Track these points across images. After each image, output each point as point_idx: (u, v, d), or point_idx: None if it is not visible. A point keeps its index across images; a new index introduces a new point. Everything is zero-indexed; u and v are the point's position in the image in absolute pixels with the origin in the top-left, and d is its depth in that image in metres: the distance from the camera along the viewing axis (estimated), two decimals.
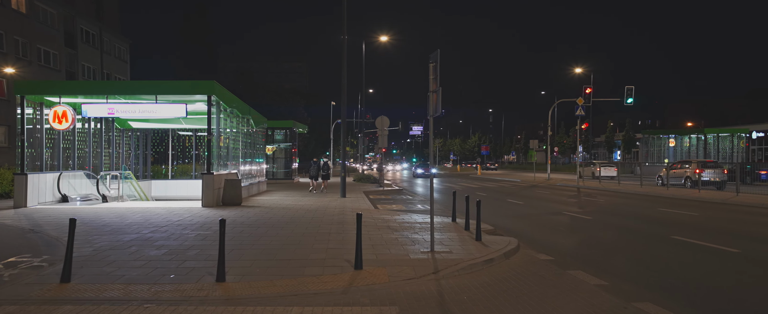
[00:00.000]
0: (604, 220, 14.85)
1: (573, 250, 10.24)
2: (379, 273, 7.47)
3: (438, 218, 13.95)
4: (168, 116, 17.14)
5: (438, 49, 8.88)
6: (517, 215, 16.23)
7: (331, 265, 7.92)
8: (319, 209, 16.22)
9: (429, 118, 9.51)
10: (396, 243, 9.93)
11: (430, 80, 9.11)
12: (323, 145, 72.73)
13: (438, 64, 8.91)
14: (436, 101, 9.02)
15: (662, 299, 6.56)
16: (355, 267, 7.64)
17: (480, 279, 7.54)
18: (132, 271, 7.43)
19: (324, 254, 8.75)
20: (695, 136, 46.58)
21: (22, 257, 8.46)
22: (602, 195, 24.53)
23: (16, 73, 31.01)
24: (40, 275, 7.21)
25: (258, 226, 12.03)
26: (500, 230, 12.32)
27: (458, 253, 8.94)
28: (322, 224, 12.42)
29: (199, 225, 12.04)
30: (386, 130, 29.63)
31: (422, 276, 7.41)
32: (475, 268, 8.09)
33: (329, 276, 7.25)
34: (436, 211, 16.83)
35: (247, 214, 14.45)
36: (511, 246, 9.71)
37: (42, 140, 17.01)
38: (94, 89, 16.83)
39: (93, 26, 42.28)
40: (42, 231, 11.21)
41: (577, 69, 45.99)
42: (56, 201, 17.25)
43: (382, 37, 33.87)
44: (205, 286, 6.64)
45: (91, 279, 6.97)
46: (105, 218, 13.25)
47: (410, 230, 11.51)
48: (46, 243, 9.78)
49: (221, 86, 16.98)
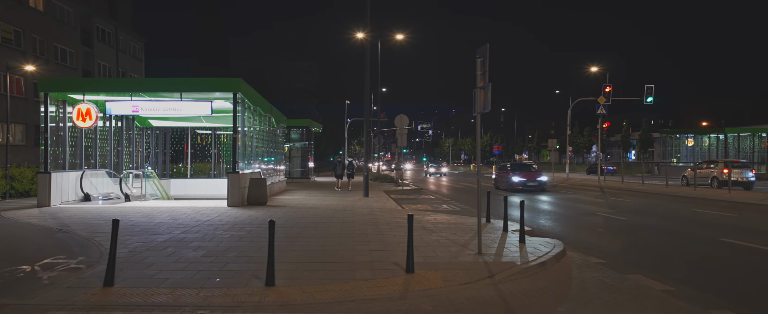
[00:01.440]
0: (642, 221, 14.41)
1: (622, 253, 9.85)
2: (432, 277, 7.12)
3: (471, 219, 13.60)
4: (193, 114, 16.86)
5: (487, 44, 8.52)
6: (549, 216, 15.83)
7: (379, 268, 7.58)
8: (347, 208, 15.89)
9: (475, 115, 9.14)
10: (437, 244, 9.58)
11: (478, 76, 8.75)
12: (333, 143, 72.59)
13: (487, 60, 8.54)
14: (485, 98, 8.66)
15: (740, 307, 6.18)
16: (407, 271, 7.30)
17: (539, 283, 7.18)
18: (175, 274, 7.12)
19: (368, 256, 8.41)
20: (715, 135, 45.86)
21: (57, 258, 8.17)
22: (628, 195, 24.04)
23: (33, 72, 30.91)
24: (81, 278, 6.92)
25: (291, 226, 11.71)
26: (537, 232, 11.95)
27: (506, 256, 8.58)
28: (356, 225, 12.08)
29: (230, 225, 11.73)
30: (405, 129, 29.27)
31: (478, 280, 7.05)
32: (529, 272, 7.72)
33: (381, 280, 6.90)
34: (463, 211, 16.49)
35: (276, 214, 14.14)
36: (558, 248, 9.33)
37: (65, 139, 16.78)
38: (119, 86, 16.59)
39: (109, 24, 42.19)
40: (71, 231, 10.95)
41: (593, 68, 45.39)
42: (79, 200, 17.03)
43: (398, 36, 33.50)
44: (256, 291, 6.31)
45: (135, 283, 6.66)
46: (132, 217, 12.98)
47: (447, 231, 11.14)
48: (78, 244, 9.50)
49: (247, 83, 16.68)
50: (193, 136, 24.13)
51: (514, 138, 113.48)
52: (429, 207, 18.02)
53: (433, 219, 13.42)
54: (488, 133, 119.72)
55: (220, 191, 20.28)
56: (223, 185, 20.85)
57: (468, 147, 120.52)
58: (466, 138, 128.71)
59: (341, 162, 25.66)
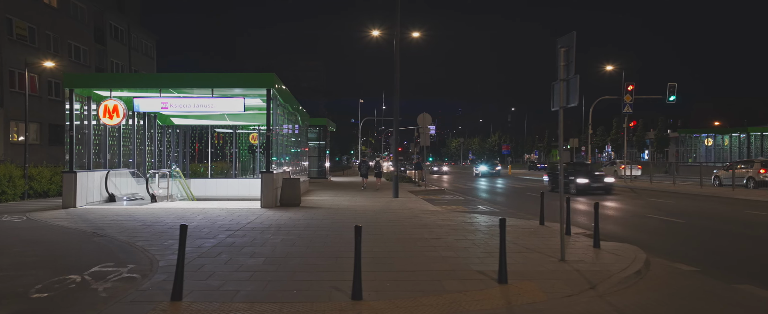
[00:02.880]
0: (701, 224, 13.65)
1: (707, 259, 9.07)
2: (529, 288, 6.40)
3: (521, 221, 12.88)
4: (225, 111, 16.15)
5: (573, 32, 7.79)
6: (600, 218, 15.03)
7: (464, 278, 6.85)
8: (386, 210, 15.18)
9: (553, 109, 8.41)
10: (510, 250, 8.84)
11: (561, 67, 8.01)
12: (339, 143, 71.83)
13: (573, 49, 7.80)
14: (570, 90, 7.93)
15: None
16: (499, 281, 6.57)
17: (648, 296, 6.44)
18: (243, 285, 6.41)
19: (445, 264, 7.68)
20: (736, 135, 45.03)
21: (105, 266, 7.47)
22: (665, 196, 23.22)
23: (46, 69, 30.26)
24: (141, 290, 6.20)
25: (338, 229, 10.99)
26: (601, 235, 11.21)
27: (593, 263, 7.85)
28: (407, 228, 11.37)
29: (275, 229, 11.02)
30: (428, 128, 28.55)
31: (581, 293, 6.32)
32: (629, 282, 6.99)
33: (476, 292, 6.18)
34: (502, 213, 15.71)
35: (316, 216, 13.43)
36: (640, 254, 8.60)
37: (89, 137, 16.09)
38: (147, 81, 15.87)
39: (121, 22, 41.54)
40: (107, 235, 10.26)
41: (609, 67, 44.50)
42: (103, 201, 16.35)
43: (414, 33, 32.77)
44: (345, 306, 5.59)
45: (204, 296, 5.95)
46: (166, 220, 12.28)
47: (509, 235, 10.41)
48: (121, 249, 8.79)
49: (279, 79, 15.97)
50: (213, 135, 23.47)
51: (523, 137, 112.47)
52: (465, 208, 17.28)
53: (482, 221, 12.70)
54: (497, 132, 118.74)
55: (241, 192, 19.65)
56: (245, 185, 20.26)
57: (476, 147, 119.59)
58: (473, 138, 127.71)
59: (365, 162, 25.76)
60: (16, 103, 28.60)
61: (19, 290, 6.18)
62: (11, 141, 29.02)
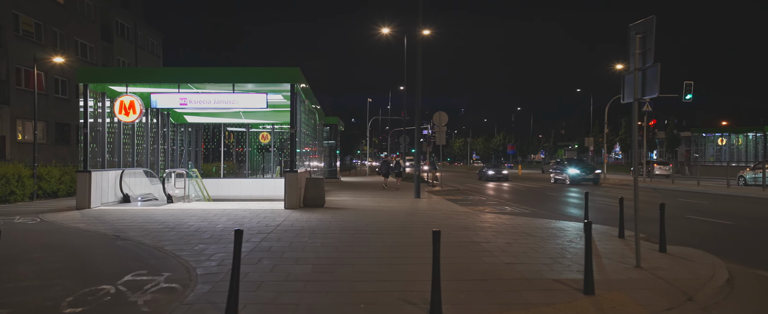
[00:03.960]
0: (753, 226, 12.94)
1: None
2: (621, 300, 5.69)
3: (559, 223, 12.18)
4: (247, 108, 15.44)
5: (653, 17, 7.08)
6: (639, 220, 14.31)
7: (543, 288, 6.16)
8: (414, 211, 14.48)
9: (623, 102, 7.73)
10: (574, 254, 8.15)
11: (636, 56, 7.31)
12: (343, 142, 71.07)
13: (652, 35, 7.10)
14: (647, 80, 7.23)
15: None
16: (585, 292, 5.87)
17: (751, 307, 5.77)
18: (301, 297, 5.71)
19: (512, 272, 6.98)
20: (752, 134, 44.27)
21: (138, 274, 6.77)
22: (694, 197, 22.47)
23: (53, 66, 29.57)
24: (188, 304, 5.50)
25: (379, 232, 10.28)
26: (646, 238, 10.57)
27: (672, 270, 7.16)
28: (448, 231, 10.62)
29: (309, 231, 10.32)
30: (444, 127, 27.87)
31: (680, 305, 5.62)
32: (724, 292, 6.29)
33: (565, 305, 5.48)
34: (532, 214, 14.99)
35: (345, 217, 12.73)
36: (716, 260, 7.93)
37: (103, 135, 15.40)
38: (165, 76, 15.12)
39: (128, 19, 40.82)
40: (130, 238, 9.56)
41: (618, 66, 43.75)
42: (118, 201, 15.66)
43: (425, 31, 32.02)
44: None
45: (262, 310, 5.27)
46: (189, 222, 11.57)
47: (560, 239, 9.74)
48: (150, 255, 8.09)
49: (303, 74, 15.27)
50: (225, 133, 22.81)
51: (529, 138, 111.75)
52: (494, 209, 16.54)
53: (523, 223, 11.99)
54: (501, 132, 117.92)
55: (255, 192, 19.00)
56: (259, 185, 19.59)
57: (480, 147, 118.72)
58: (477, 138, 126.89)
59: (387, 162, 25.82)
60: (22, 101, 27.90)
61: (49, 304, 5.48)
62: (18, 140, 28.31)
